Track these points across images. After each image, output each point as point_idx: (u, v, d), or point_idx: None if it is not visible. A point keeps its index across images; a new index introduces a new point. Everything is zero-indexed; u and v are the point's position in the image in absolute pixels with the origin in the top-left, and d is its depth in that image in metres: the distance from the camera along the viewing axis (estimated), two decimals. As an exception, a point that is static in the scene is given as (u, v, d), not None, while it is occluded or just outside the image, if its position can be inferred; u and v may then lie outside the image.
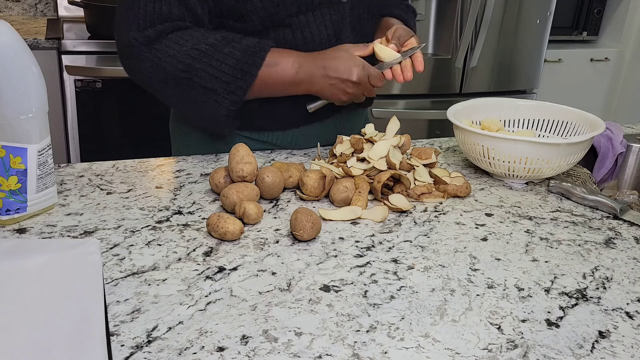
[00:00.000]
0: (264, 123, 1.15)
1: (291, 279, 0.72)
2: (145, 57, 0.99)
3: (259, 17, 1.03)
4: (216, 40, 1.00)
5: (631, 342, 0.64)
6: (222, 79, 1.00)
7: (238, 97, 1.02)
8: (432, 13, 2.51)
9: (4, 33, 0.76)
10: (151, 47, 0.99)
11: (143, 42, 0.99)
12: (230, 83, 1.01)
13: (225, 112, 1.03)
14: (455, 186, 0.97)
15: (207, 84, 1.00)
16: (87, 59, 2.22)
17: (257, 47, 1.02)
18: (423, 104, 2.61)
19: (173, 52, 0.99)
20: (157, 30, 0.99)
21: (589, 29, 3.20)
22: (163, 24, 0.99)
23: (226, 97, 1.01)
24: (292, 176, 0.95)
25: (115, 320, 0.63)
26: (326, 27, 1.08)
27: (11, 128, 0.78)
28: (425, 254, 0.80)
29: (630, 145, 1.27)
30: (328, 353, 0.60)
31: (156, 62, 0.99)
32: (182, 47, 0.99)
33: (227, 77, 1.00)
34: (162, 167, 1.05)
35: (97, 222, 0.84)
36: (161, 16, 0.99)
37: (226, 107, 1.02)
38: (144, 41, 0.99)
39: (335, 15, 1.08)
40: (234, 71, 1.00)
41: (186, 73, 0.99)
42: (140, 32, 0.98)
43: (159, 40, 0.99)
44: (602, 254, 0.83)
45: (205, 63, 0.99)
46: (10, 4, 2.71)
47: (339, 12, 1.08)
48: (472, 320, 0.66)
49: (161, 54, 0.99)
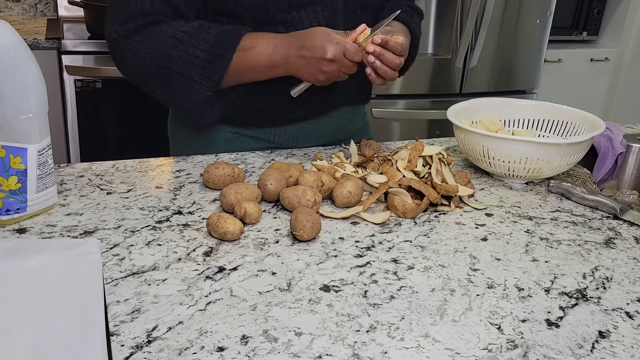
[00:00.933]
0: (261, 119, 1.14)
1: (291, 279, 0.72)
2: (127, 49, 1.01)
3: (250, 14, 1.03)
4: (192, 28, 1.01)
5: (631, 342, 0.64)
6: (197, 64, 1.00)
7: (214, 82, 1.02)
8: (432, 13, 2.51)
9: (4, 33, 0.76)
10: (131, 39, 1.01)
11: (123, 34, 1.01)
12: (205, 68, 1.01)
13: (202, 98, 1.03)
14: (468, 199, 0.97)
15: (183, 72, 1.01)
16: (87, 59, 2.22)
17: (232, 32, 1.02)
18: (423, 104, 2.61)
19: (151, 42, 1.00)
20: (138, 23, 1.00)
21: (589, 29, 3.20)
22: (144, 18, 1.00)
23: (202, 83, 1.02)
24: (292, 176, 0.95)
25: (115, 320, 0.63)
26: (319, 23, 1.07)
27: (11, 128, 0.78)
28: (425, 254, 0.80)
29: (630, 145, 1.27)
30: (328, 353, 0.60)
31: (136, 53, 1.01)
32: (158, 37, 1.00)
33: (202, 63, 1.00)
34: (162, 167, 1.05)
35: (97, 222, 0.84)
36: (143, 11, 1.00)
37: (203, 92, 1.02)
38: (124, 34, 1.01)
39: (328, 12, 1.08)
40: (209, 56, 1.00)
41: (164, 62, 1.00)
42: (121, 26, 1.01)
43: (138, 32, 1.00)
44: (602, 254, 0.83)
45: (181, 50, 1.00)
46: (10, 4, 2.71)
47: (332, 8, 1.08)
48: (472, 320, 0.66)
49: (141, 45, 1.00)
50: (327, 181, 0.93)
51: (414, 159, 0.96)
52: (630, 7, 3.12)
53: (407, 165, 0.96)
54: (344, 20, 1.10)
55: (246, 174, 1.03)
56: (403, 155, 0.98)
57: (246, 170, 1.05)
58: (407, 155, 0.97)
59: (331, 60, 0.99)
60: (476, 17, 2.49)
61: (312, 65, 1.00)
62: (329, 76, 1.01)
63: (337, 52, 0.98)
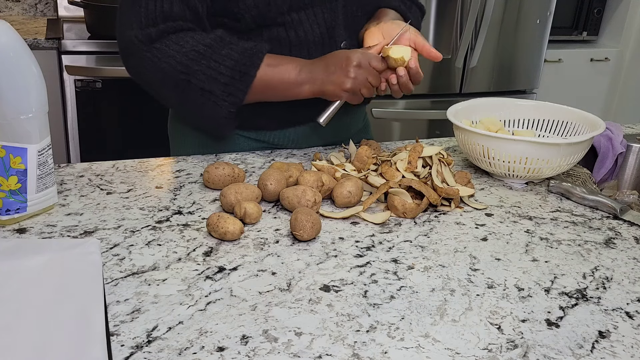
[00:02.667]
0: (263, 122, 1.15)
1: (291, 279, 0.72)
2: (146, 56, 0.99)
3: (252, 15, 1.03)
4: (214, 41, 1.00)
5: (631, 342, 0.64)
6: (221, 80, 1.00)
7: (237, 99, 1.02)
8: (432, 13, 2.51)
9: (4, 33, 0.76)
10: (152, 46, 0.99)
11: (144, 40, 0.99)
12: (228, 85, 1.01)
13: (225, 114, 1.03)
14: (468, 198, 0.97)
15: (204, 86, 1.00)
16: (87, 59, 2.22)
17: (255, 49, 1.02)
18: (423, 104, 2.61)
19: (172, 53, 0.99)
20: (159, 29, 0.99)
21: (589, 29, 3.20)
22: (165, 23, 0.99)
23: (225, 99, 1.01)
24: (292, 176, 0.95)
25: (115, 320, 0.63)
26: (319, 25, 1.07)
27: (11, 128, 0.78)
28: (425, 254, 0.80)
29: (630, 145, 1.27)
30: (328, 353, 0.60)
31: (155, 62, 0.99)
32: (181, 48, 0.99)
33: (226, 79, 1.00)
34: (162, 167, 1.05)
35: (97, 222, 0.84)
36: (162, 14, 0.99)
37: (225, 108, 1.02)
38: (145, 39, 0.99)
39: (328, 14, 1.08)
40: (232, 72, 1.00)
41: (184, 75, 0.99)
42: (141, 31, 0.99)
43: (159, 40, 0.99)
44: (602, 254, 0.83)
45: (203, 65, 0.99)
46: (10, 4, 2.71)
47: (332, 10, 1.08)
48: (472, 320, 0.66)
49: (161, 54, 0.99)
50: (327, 181, 0.93)
51: (413, 160, 0.96)
52: (630, 7, 3.12)
53: (407, 167, 0.96)
54: (343, 21, 1.11)
55: (246, 174, 1.03)
56: (402, 156, 0.98)
57: (246, 170, 1.05)
58: (407, 157, 0.97)
59: (356, 66, 1.00)
60: (476, 17, 2.49)
61: (337, 74, 1.01)
62: (355, 82, 1.00)
63: (362, 58, 1.00)
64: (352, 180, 0.92)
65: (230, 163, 1.01)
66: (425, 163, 0.98)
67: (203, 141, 1.16)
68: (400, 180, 0.93)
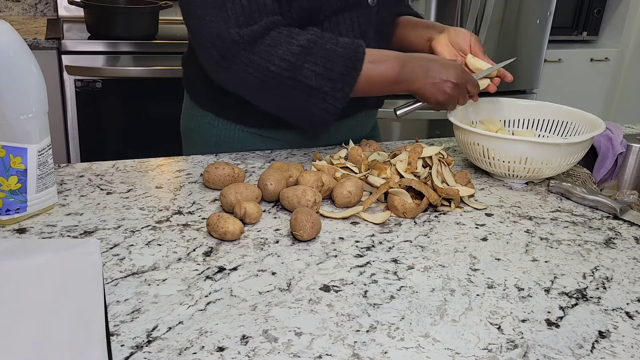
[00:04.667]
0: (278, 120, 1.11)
1: (291, 279, 0.72)
2: (248, 56, 0.96)
3: (298, 15, 1.02)
4: (315, 36, 0.99)
5: (631, 342, 0.64)
6: (329, 76, 0.99)
7: (345, 94, 1.01)
8: (432, 13, 2.51)
9: (4, 33, 0.76)
10: (256, 44, 0.95)
11: (249, 39, 0.95)
12: (337, 80, 0.99)
13: (332, 110, 1.02)
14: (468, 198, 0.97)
15: (312, 83, 0.98)
16: (87, 59, 2.22)
17: (355, 44, 1.01)
18: (423, 104, 2.61)
19: (276, 51, 0.96)
20: (261, 26, 0.96)
21: (589, 29, 3.20)
22: (264, 20, 0.96)
23: (334, 95, 1.00)
24: (292, 176, 0.95)
25: (115, 320, 0.63)
26: (353, 29, 1.09)
27: (11, 128, 0.78)
28: (425, 254, 0.80)
29: (630, 145, 1.27)
30: (328, 353, 0.60)
31: (258, 61, 0.96)
32: (289, 45, 0.96)
33: (334, 75, 0.99)
34: (162, 167, 1.05)
35: (97, 222, 0.84)
36: (258, 9, 0.95)
37: (333, 104, 1.01)
38: (250, 38, 0.95)
39: (362, 18, 1.09)
40: (340, 68, 0.99)
41: (290, 72, 0.97)
42: (244, 29, 0.95)
43: (262, 37, 0.96)
44: (602, 254, 0.83)
45: (310, 61, 0.97)
46: (10, 4, 2.71)
47: (366, 15, 1.10)
48: (472, 320, 0.66)
49: (264, 53, 0.96)
50: (327, 181, 0.93)
51: (413, 161, 0.96)
52: (630, 7, 3.12)
53: (407, 168, 0.96)
54: (375, 26, 1.13)
55: (246, 174, 1.03)
56: (402, 157, 0.98)
57: (246, 170, 1.05)
58: (407, 157, 0.97)
59: (455, 84, 1.03)
60: (476, 17, 2.49)
61: (436, 86, 1.03)
62: (447, 98, 1.05)
63: (462, 78, 1.04)
64: (352, 180, 0.92)
65: (230, 163, 1.01)
66: (425, 163, 0.98)
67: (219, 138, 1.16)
68: (400, 180, 0.93)
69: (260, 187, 0.91)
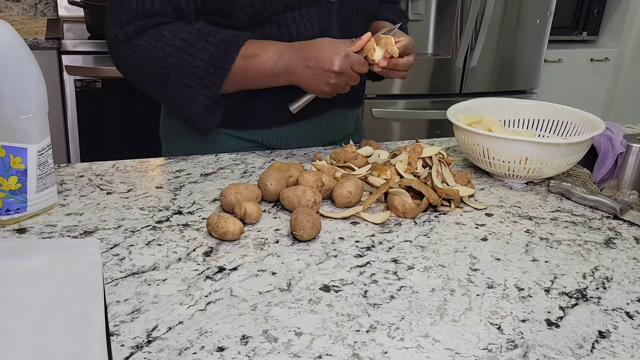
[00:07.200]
0: (249, 121, 1.14)
1: (291, 279, 0.72)
2: (126, 53, 1.01)
3: (246, 13, 1.03)
4: (191, 35, 1.01)
5: (631, 342, 0.64)
6: (197, 74, 1.01)
7: (212, 93, 1.02)
8: (432, 13, 2.51)
9: (4, 33, 0.76)
10: (130, 43, 1.00)
11: (122, 38, 1.00)
12: (204, 78, 1.01)
13: (200, 109, 1.04)
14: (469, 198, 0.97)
15: (183, 80, 1.01)
16: (87, 59, 2.22)
17: (231, 41, 1.02)
18: (423, 104, 2.61)
19: (150, 48, 1.00)
20: (137, 26, 1.00)
21: (589, 29, 3.20)
22: (143, 20, 1.00)
23: (200, 93, 1.02)
24: (292, 176, 0.95)
25: (115, 320, 0.63)
26: (312, 25, 1.07)
27: (11, 128, 0.78)
28: (425, 254, 0.80)
29: (630, 145, 1.27)
30: (328, 353, 0.60)
31: (135, 58, 1.01)
32: (158, 43, 1.00)
33: (201, 72, 1.01)
34: (162, 167, 1.05)
35: (97, 222, 0.84)
36: (143, 12, 1.00)
37: (201, 102, 1.03)
38: (123, 37, 1.00)
39: (322, 14, 1.08)
40: (207, 66, 1.00)
41: (164, 69, 1.01)
42: (121, 29, 1.00)
43: (137, 36, 1.00)
44: (602, 254, 0.83)
45: (179, 59, 1.00)
46: (10, 4, 2.71)
47: (327, 10, 1.08)
48: (472, 320, 0.66)
49: (139, 49, 1.00)
50: (327, 181, 0.93)
51: (413, 161, 0.96)
52: (630, 7, 3.12)
53: (407, 168, 0.96)
54: (338, 23, 1.10)
55: (246, 174, 1.03)
56: (402, 157, 0.98)
57: (246, 171, 1.05)
58: (407, 158, 0.97)
59: (338, 73, 0.99)
60: (476, 17, 2.49)
61: (318, 77, 1.01)
62: (333, 88, 1.02)
63: (344, 64, 0.99)
64: (352, 180, 0.92)
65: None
66: (425, 163, 0.98)
67: (192, 140, 1.16)
68: (400, 181, 0.93)
69: (260, 187, 0.91)
